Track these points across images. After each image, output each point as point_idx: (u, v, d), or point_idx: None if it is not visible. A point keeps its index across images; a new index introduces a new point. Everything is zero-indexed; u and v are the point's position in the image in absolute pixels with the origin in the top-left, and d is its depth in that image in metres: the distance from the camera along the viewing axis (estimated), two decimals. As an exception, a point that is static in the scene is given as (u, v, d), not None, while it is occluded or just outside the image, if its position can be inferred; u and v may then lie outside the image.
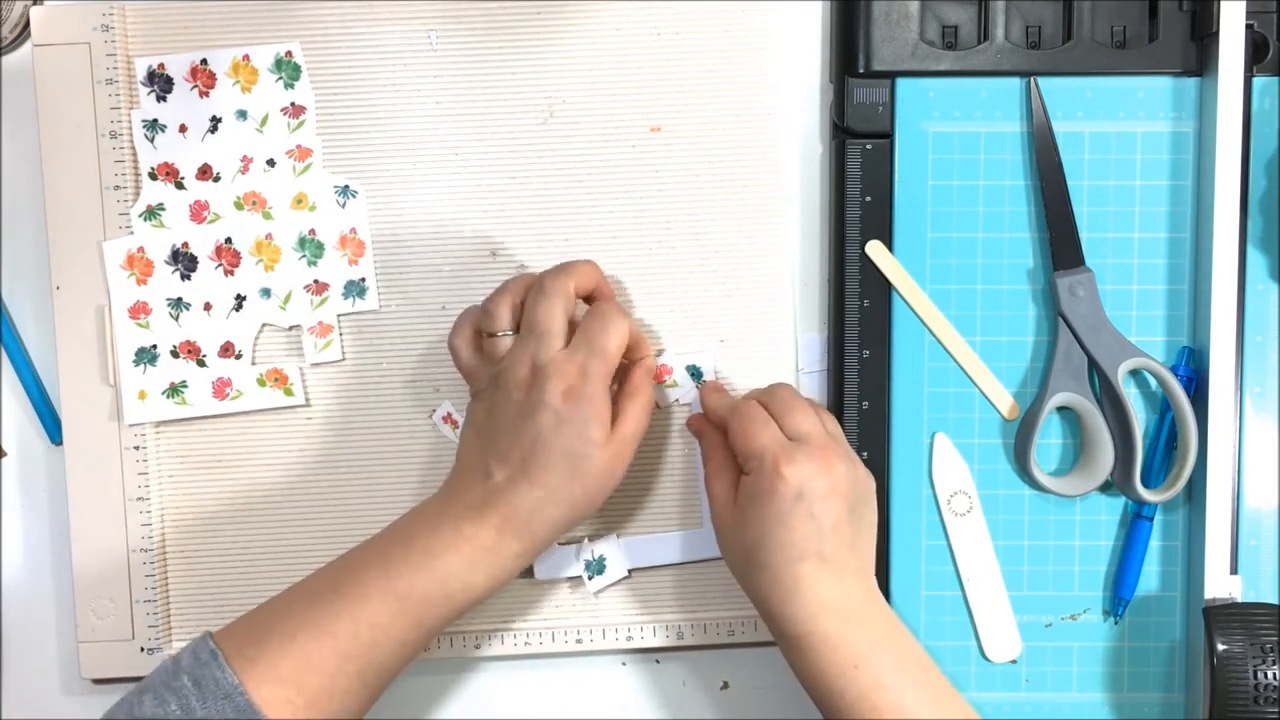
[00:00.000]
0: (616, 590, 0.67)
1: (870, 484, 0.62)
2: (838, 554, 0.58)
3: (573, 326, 0.61)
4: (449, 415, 0.67)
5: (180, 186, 0.66)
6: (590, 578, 0.67)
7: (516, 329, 0.61)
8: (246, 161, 0.66)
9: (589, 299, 0.63)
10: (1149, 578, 0.66)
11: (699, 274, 0.67)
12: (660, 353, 0.67)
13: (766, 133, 0.67)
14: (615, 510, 0.67)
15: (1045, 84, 0.65)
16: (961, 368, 0.66)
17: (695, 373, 0.66)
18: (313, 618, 0.57)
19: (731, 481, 0.61)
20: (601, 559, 0.67)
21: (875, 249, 0.66)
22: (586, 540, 0.67)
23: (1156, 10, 0.65)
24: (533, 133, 0.67)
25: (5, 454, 0.69)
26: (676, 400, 0.67)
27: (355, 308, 0.67)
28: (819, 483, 0.58)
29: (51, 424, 0.68)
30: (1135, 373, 0.66)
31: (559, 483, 0.59)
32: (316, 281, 0.67)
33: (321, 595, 0.58)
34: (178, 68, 0.66)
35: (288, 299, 0.67)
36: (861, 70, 0.65)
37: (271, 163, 0.66)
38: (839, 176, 0.66)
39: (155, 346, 0.66)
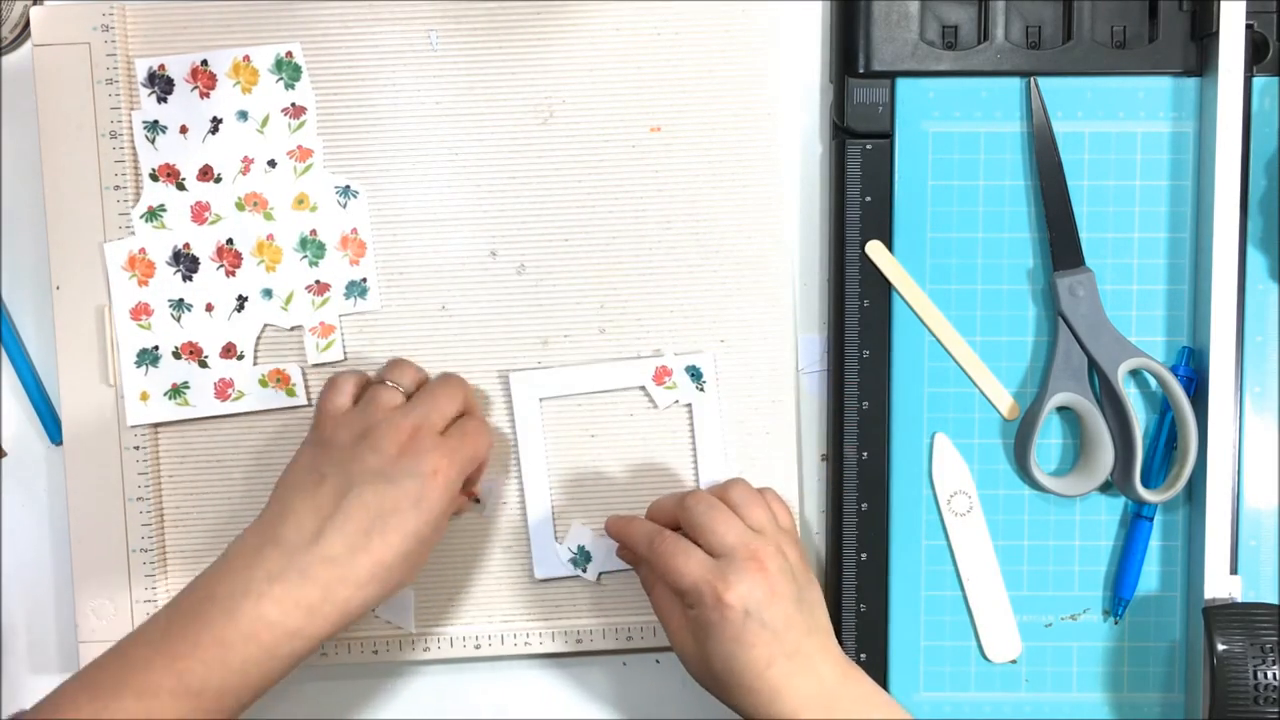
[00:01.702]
0: (617, 590, 0.67)
1: (805, 563, 0.61)
2: (799, 646, 0.58)
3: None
4: None
5: (181, 188, 0.66)
6: (585, 572, 0.67)
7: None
8: (247, 162, 0.66)
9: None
10: (1149, 578, 0.66)
11: (699, 274, 0.67)
12: (658, 353, 0.67)
13: (766, 133, 0.67)
14: (601, 511, 0.67)
15: (1045, 84, 0.65)
16: (961, 368, 0.66)
17: (695, 373, 0.66)
18: (99, 716, 0.52)
19: (680, 609, 0.60)
20: (582, 548, 0.67)
21: (875, 249, 0.66)
22: (557, 541, 0.67)
23: (1156, 10, 0.65)
24: (533, 133, 0.67)
25: (5, 454, 0.69)
26: (676, 401, 0.67)
27: (357, 308, 0.67)
28: (759, 593, 0.57)
29: (51, 424, 0.68)
30: (1135, 373, 0.66)
31: (390, 560, 0.56)
32: (318, 282, 0.67)
33: (104, 688, 0.53)
34: (178, 69, 0.66)
35: (289, 299, 0.67)
36: (861, 70, 0.65)
37: (272, 163, 0.66)
38: (839, 176, 0.66)
39: (157, 348, 0.66)
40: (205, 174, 0.66)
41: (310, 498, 0.57)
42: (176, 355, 0.66)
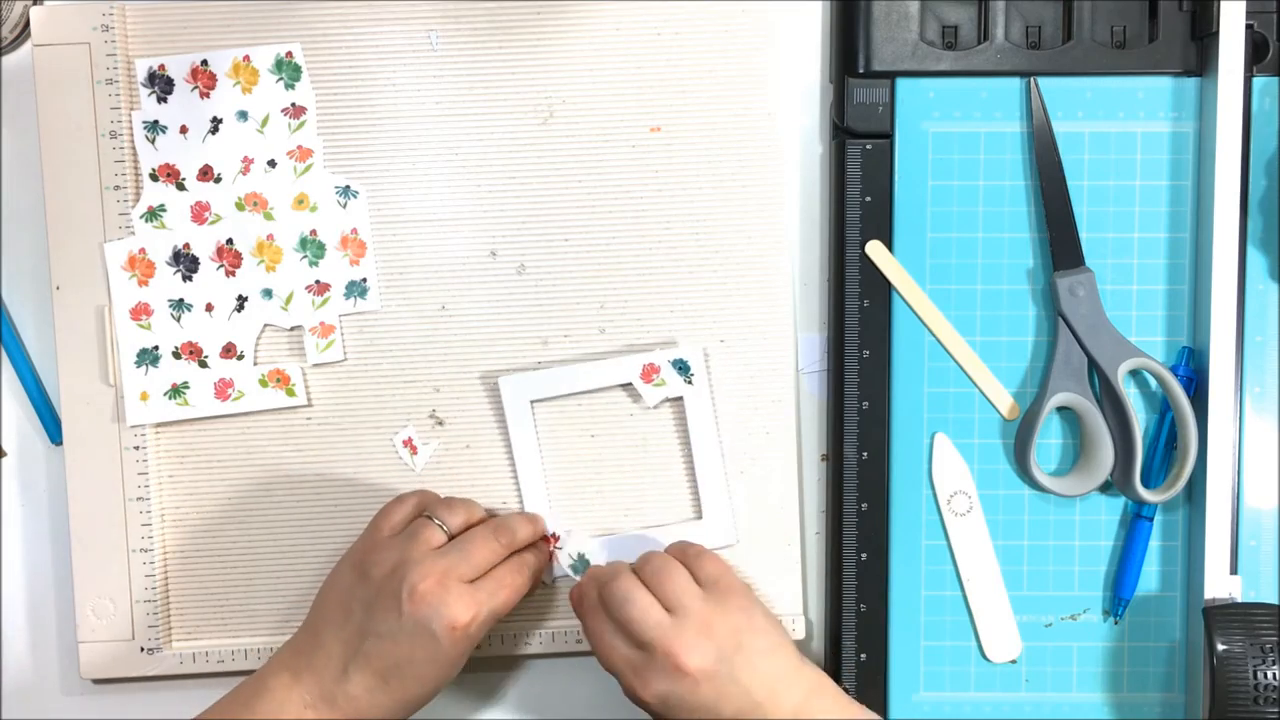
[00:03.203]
0: (617, 590, 0.67)
1: (740, 615, 0.59)
2: (740, 711, 0.58)
3: None
4: (409, 440, 0.67)
5: (181, 188, 0.66)
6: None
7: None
8: (247, 162, 0.66)
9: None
10: (1149, 578, 0.66)
11: (699, 274, 0.67)
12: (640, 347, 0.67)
13: (766, 133, 0.67)
14: (602, 511, 0.67)
15: (1045, 84, 0.65)
16: (961, 368, 0.66)
17: (682, 366, 0.66)
18: None
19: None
20: (581, 556, 0.67)
21: (875, 249, 0.66)
22: (555, 543, 0.67)
23: (1156, 10, 0.65)
24: (533, 133, 0.67)
25: (5, 454, 0.69)
26: (666, 398, 0.67)
27: (357, 308, 0.67)
28: (678, 690, 0.58)
29: (51, 424, 0.68)
30: (1135, 373, 0.66)
31: (412, 699, 0.60)
32: (318, 282, 0.67)
33: None
34: (178, 69, 0.66)
35: (289, 299, 0.67)
36: (861, 70, 0.65)
37: (272, 163, 0.66)
38: (839, 176, 0.66)
39: (157, 347, 0.66)
40: (205, 174, 0.66)
41: (339, 632, 0.60)
42: (176, 355, 0.66)
